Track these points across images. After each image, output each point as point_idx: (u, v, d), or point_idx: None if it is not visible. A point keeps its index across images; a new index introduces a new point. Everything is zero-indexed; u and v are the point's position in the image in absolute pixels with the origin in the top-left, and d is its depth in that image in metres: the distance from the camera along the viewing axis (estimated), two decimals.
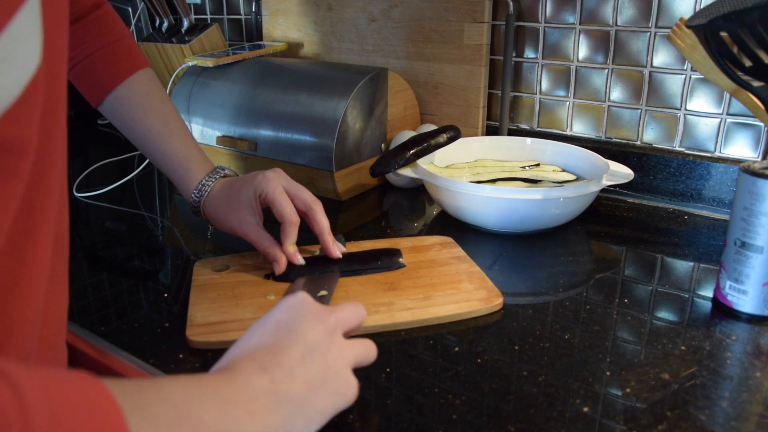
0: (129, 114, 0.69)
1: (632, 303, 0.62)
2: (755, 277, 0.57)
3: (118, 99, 0.69)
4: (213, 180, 0.69)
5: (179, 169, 0.69)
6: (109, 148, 1.25)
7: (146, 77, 0.70)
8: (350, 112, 0.90)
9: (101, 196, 0.96)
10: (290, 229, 0.64)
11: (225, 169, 0.71)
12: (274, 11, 1.24)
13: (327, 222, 0.66)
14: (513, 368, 0.52)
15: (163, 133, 0.69)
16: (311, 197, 0.66)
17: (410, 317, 0.58)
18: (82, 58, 0.68)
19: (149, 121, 0.69)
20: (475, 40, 1.00)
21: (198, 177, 0.69)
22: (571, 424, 0.45)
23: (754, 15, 0.53)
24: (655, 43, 0.90)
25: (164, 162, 0.70)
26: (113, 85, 0.68)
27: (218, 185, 0.69)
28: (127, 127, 0.70)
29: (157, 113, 0.69)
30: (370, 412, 0.47)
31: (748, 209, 0.56)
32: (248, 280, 0.65)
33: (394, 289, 0.63)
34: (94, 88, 0.69)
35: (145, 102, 0.69)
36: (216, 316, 0.58)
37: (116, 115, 0.70)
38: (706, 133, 0.90)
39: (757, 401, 0.47)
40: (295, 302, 0.43)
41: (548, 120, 1.03)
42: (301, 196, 0.65)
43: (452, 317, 0.59)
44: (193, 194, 0.69)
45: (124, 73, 0.69)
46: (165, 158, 0.70)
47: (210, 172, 0.70)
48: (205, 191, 0.69)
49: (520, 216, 0.76)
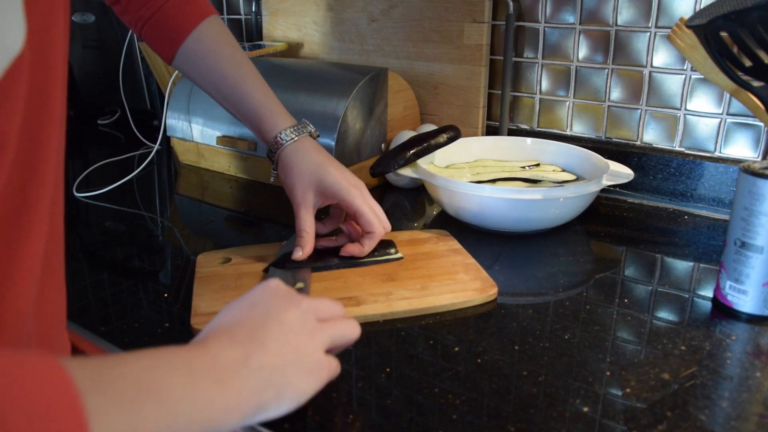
0: (201, 63, 0.69)
1: (632, 303, 0.62)
2: (755, 277, 0.57)
3: (189, 50, 0.68)
4: (299, 133, 0.68)
5: (259, 111, 0.68)
6: (109, 148, 1.25)
7: (214, 25, 0.70)
8: (350, 112, 0.90)
9: (101, 196, 0.96)
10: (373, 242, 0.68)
11: (309, 126, 0.70)
12: (274, 11, 1.24)
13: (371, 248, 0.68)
14: (513, 368, 0.52)
15: (238, 78, 0.69)
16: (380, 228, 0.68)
17: (408, 306, 0.60)
18: (148, 17, 0.67)
19: (222, 68, 0.68)
20: (475, 40, 1.00)
21: (279, 124, 0.68)
22: (571, 424, 0.45)
23: (754, 15, 0.53)
24: (655, 43, 0.90)
25: (242, 107, 0.69)
26: (182, 37, 0.68)
27: (308, 144, 0.68)
28: (202, 77, 0.70)
29: (229, 59, 0.69)
30: (370, 412, 0.47)
31: (748, 209, 0.56)
32: (250, 271, 0.67)
33: (392, 280, 0.64)
34: (165, 44, 0.69)
35: (216, 49, 0.69)
36: (220, 306, 0.59)
37: (190, 66, 0.70)
38: (706, 133, 0.90)
39: (757, 401, 0.47)
40: (270, 287, 0.45)
41: (548, 120, 1.03)
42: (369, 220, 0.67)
43: (448, 306, 0.60)
44: (272, 140, 0.68)
45: (192, 23, 0.68)
46: (243, 103, 0.69)
47: (296, 124, 0.69)
48: (288, 139, 0.67)
49: (520, 216, 0.76)
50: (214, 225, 0.87)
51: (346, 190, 0.66)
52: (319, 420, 0.46)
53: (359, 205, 0.66)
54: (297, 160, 0.67)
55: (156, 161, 1.15)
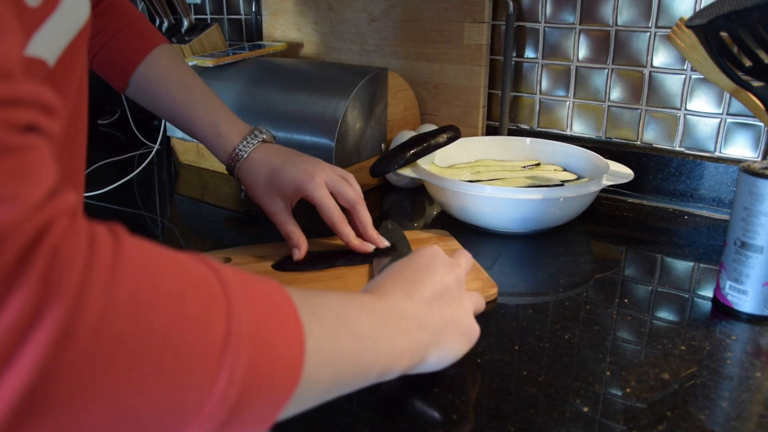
0: (152, 91, 0.70)
1: (632, 303, 0.62)
2: (755, 277, 0.57)
3: (141, 79, 0.69)
4: (251, 145, 0.69)
5: (209, 135, 0.70)
6: (109, 148, 1.25)
7: (164, 52, 0.71)
8: (350, 112, 0.90)
9: (101, 196, 0.96)
10: (343, 228, 0.67)
11: (263, 133, 0.71)
12: (274, 11, 1.24)
13: (369, 218, 0.68)
14: (513, 368, 0.52)
15: (187, 102, 0.70)
16: (354, 194, 0.68)
17: None
18: (101, 46, 0.68)
19: (172, 93, 0.69)
20: (475, 40, 1.00)
21: (231, 141, 0.69)
22: (571, 424, 0.45)
23: (754, 15, 0.53)
24: (655, 43, 0.90)
25: (194, 130, 0.71)
26: (133, 66, 0.69)
27: (259, 154, 0.69)
28: (154, 105, 0.71)
29: (178, 84, 0.70)
30: (370, 412, 0.47)
31: (748, 209, 0.56)
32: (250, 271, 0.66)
33: None
34: (116, 73, 0.70)
35: (166, 75, 0.70)
36: None
37: (141, 95, 0.71)
38: (706, 133, 0.90)
39: (757, 401, 0.47)
40: (433, 251, 0.49)
41: (548, 120, 1.03)
42: (345, 194, 0.67)
43: None
44: (228, 158, 0.70)
45: (142, 52, 0.69)
46: (193, 127, 0.70)
47: (246, 136, 0.70)
48: (241, 155, 0.69)
49: (519, 216, 0.76)
50: (214, 225, 0.87)
51: (304, 186, 0.66)
52: (320, 420, 0.46)
53: (319, 198, 0.65)
54: (253, 173, 0.69)
55: (156, 161, 1.15)
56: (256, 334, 0.28)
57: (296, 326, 0.31)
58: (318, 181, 0.66)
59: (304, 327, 0.31)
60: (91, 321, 0.22)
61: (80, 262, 0.23)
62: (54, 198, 0.23)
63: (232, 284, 0.29)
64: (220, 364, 0.26)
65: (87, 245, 0.23)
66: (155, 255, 0.27)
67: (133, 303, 0.24)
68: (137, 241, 0.26)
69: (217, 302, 0.27)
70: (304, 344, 0.31)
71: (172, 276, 0.26)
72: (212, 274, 0.28)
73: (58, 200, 0.23)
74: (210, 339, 0.26)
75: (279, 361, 0.29)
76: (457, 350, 0.46)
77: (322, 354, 0.32)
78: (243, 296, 0.29)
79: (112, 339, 0.23)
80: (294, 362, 0.30)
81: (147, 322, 0.24)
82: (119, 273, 0.24)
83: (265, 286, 0.31)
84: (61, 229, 0.23)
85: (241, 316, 0.28)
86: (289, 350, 0.30)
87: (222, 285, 0.28)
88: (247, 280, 0.30)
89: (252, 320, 0.28)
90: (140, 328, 0.24)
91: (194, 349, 0.25)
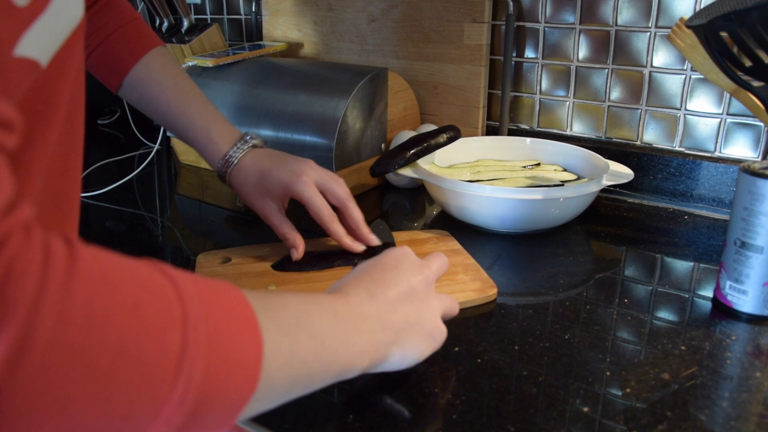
0: (147, 92, 0.70)
1: (632, 303, 0.62)
2: (755, 277, 0.57)
3: (135, 79, 0.69)
4: (241, 151, 0.69)
5: (202, 139, 0.70)
6: (109, 148, 1.25)
7: (160, 55, 0.70)
8: (350, 112, 0.90)
9: (101, 196, 0.96)
10: (333, 226, 0.67)
11: (253, 138, 0.71)
12: (274, 11, 1.24)
13: (361, 215, 0.68)
14: (513, 368, 0.52)
15: (181, 106, 0.70)
16: (344, 192, 0.67)
17: None
18: (96, 44, 0.68)
19: (166, 96, 0.69)
20: (475, 40, 1.00)
21: (223, 147, 0.69)
22: (571, 424, 0.45)
23: (754, 15, 0.53)
24: (655, 43, 0.90)
25: (186, 135, 0.71)
26: (128, 66, 0.69)
27: (248, 160, 0.69)
28: (147, 106, 0.71)
29: (173, 88, 0.70)
30: (370, 412, 0.47)
31: (748, 209, 0.56)
32: (250, 271, 0.67)
33: None
34: (110, 73, 0.70)
35: (161, 78, 0.69)
36: None
37: (135, 95, 0.70)
38: (706, 133, 0.90)
39: (757, 401, 0.47)
40: (402, 252, 0.49)
41: (548, 120, 1.03)
42: (335, 192, 0.67)
43: None
44: (219, 164, 0.70)
45: (138, 53, 0.69)
46: (186, 131, 0.70)
47: (237, 142, 0.70)
48: (232, 162, 0.69)
49: (520, 216, 0.76)
50: (214, 225, 0.87)
51: (292, 185, 0.66)
52: (320, 420, 0.46)
53: (308, 196, 0.65)
54: (243, 178, 0.69)
55: (156, 161, 1.15)
56: (213, 341, 0.28)
57: (254, 331, 0.31)
58: (306, 180, 0.66)
59: (261, 331, 0.32)
60: (46, 335, 0.23)
61: (34, 277, 0.23)
62: (9, 213, 0.23)
63: (189, 292, 0.29)
64: (177, 374, 0.27)
65: (41, 259, 0.24)
66: (111, 266, 0.27)
67: (88, 316, 0.24)
68: (93, 251, 0.27)
69: (173, 312, 0.27)
70: (261, 348, 0.31)
71: (127, 287, 0.26)
72: (168, 283, 0.28)
73: (13, 215, 0.24)
74: (166, 350, 0.26)
75: (236, 367, 0.30)
76: (421, 350, 0.46)
77: (280, 357, 0.33)
78: (199, 304, 0.29)
79: (68, 352, 0.23)
80: (251, 367, 0.31)
81: (102, 334, 0.24)
82: (74, 286, 0.24)
83: (223, 292, 0.31)
84: (16, 244, 0.23)
85: (198, 325, 0.28)
86: (247, 355, 0.30)
87: (178, 294, 0.28)
88: (203, 286, 0.30)
89: (208, 328, 0.28)
90: (96, 340, 0.24)
91: (150, 360, 0.26)
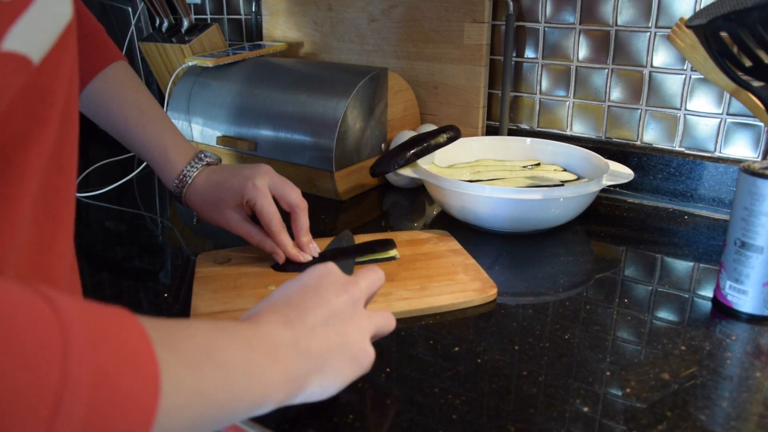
0: (105, 106, 0.69)
1: (632, 303, 0.62)
2: (755, 277, 0.57)
3: (94, 92, 0.68)
4: (195, 169, 0.68)
5: (158, 158, 0.69)
6: (109, 148, 1.25)
7: (120, 69, 0.70)
8: (350, 112, 0.90)
9: (101, 196, 0.96)
10: (281, 237, 0.66)
11: (207, 156, 0.70)
12: (274, 11, 1.24)
13: (307, 223, 0.67)
14: (513, 368, 0.52)
15: (139, 122, 0.68)
16: (296, 198, 0.66)
17: (407, 307, 0.60)
18: None
19: (124, 111, 0.68)
20: (475, 40, 1.00)
21: (178, 166, 0.68)
22: (571, 424, 0.45)
23: (754, 15, 0.53)
24: (655, 43, 0.90)
25: (142, 152, 0.70)
26: (88, 78, 0.68)
27: (202, 177, 0.68)
28: (105, 120, 0.70)
29: (132, 103, 0.69)
30: (370, 412, 0.47)
31: (748, 209, 0.56)
32: (249, 271, 0.67)
33: (392, 280, 0.64)
34: None
35: (120, 92, 0.68)
36: (219, 306, 0.59)
37: (93, 108, 0.69)
38: (706, 133, 0.90)
39: (757, 401, 0.47)
40: (324, 270, 0.46)
41: (548, 120, 1.03)
42: (288, 198, 0.66)
43: (448, 307, 0.60)
44: (174, 183, 0.69)
45: (99, 65, 0.68)
46: (143, 148, 0.69)
47: (191, 160, 0.69)
48: (186, 181, 0.68)
49: (520, 216, 0.76)
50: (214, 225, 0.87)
51: (246, 192, 0.65)
52: (320, 420, 0.46)
53: (260, 205, 0.64)
54: (199, 196, 0.68)
55: None
56: (99, 376, 0.26)
57: (150, 365, 0.28)
58: (259, 186, 0.64)
59: (160, 366, 0.29)
60: None
61: None
62: None
63: (73, 321, 0.26)
64: (55, 412, 0.24)
65: None
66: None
67: None
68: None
69: (53, 344, 0.24)
70: (158, 385, 0.28)
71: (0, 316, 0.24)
72: (50, 310, 0.25)
73: None
74: (42, 384, 0.24)
75: (127, 406, 0.27)
76: (344, 377, 0.42)
77: (182, 394, 0.30)
78: (85, 333, 0.26)
79: None
80: (146, 406, 0.28)
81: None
82: None
83: (115, 321, 0.28)
84: None
85: (82, 357, 0.25)
86: (141, 393, 0.28)
87: (60, 323, 0.25)
88: (92, 314, 0.27)
89: (95, 362, 0.26)
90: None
91: (25, 398, 0.23)
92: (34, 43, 0.30)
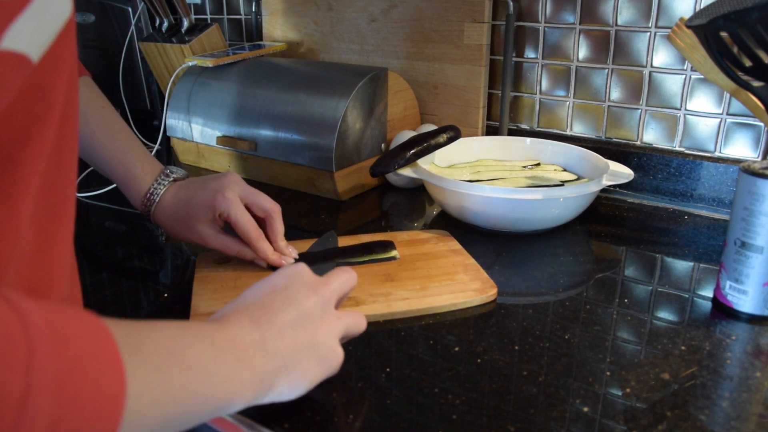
0: None
1: (632, 303, 0.62)
2: (755, 277, 0.57)
3: None
4: (162, 186, 0.67)
5: (124, 176, 0.67)
6: None
7: (85, 85, 0.68)
8: (350, 112, 0.90)
9: (101, 196, 0.96)
10: (260, 244, 0.65)
11: (174, 172, 0.68)
12: (274, 11, 1.24)
13: (282, 227, 0.67)
14: (513, 368, 0.52)
15: (104, 139, 0.67)
16: (269, 203, 0.66)
17: (407, 307, 0.60)
18: None
19: (90, 127, 0.67)
20: (475, 40, 1.00)
21: (145, 183, 0.67)
22: (571, 424, 0.45)
23: (754, 15, 0.53)
24: (655, 43, 0.90)
25: (107, 169, 0.68)
26: None
27: (170, 194, 0.67)
28: None
29: (98, 120, 0.67)
30: (370, 412, 0.47)
31: (748, 209, 0.56)
32: (249, 271, 0.67)
33: (392, 280, 0.64)
34: None
35: (86, 109, 0.67)
36: (218, 306, 0.59)
37: None
38: (706, 133, 0.90)
39: (757, 401, 0.47)
40: (295, 270, 0.46)
41: (548, 120, 1.03)
42: (261, 204, 0.65)
43: (448, 307, 0.60)
44: (141, 202, 0.67)
45: None
46: (108, 165, 0.68)
47: (158, 177, 0.67)
48: (154, 199, 0.66)
49: (520, 216, 0.76)
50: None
51: (217, 204, 0.63)
52: (320, 420, 0.46)
53: (234, 215, 0.63)
54: (168, 214, 0.66)
55: None
56: (64, 383, 0.26)
57: (116, 369, 0.28)
58: (229, 197, 0.63)
59: (125, 369, 0.29)
60: None
61: None
62: None
63: (37, 326, 0.26)
64: (19, 421, 0.24)
65: None
66: None
67: None
68: None
69: (16, 349, 0.24)
70: (124, 389, 0.28)
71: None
72: (13, 315, 0.25)
73: None
74: (5, 393, 0.23)
75: (93, 411, 0.27)
76: (313, 377, 0.42)
77: (148, 395, 0.30)
78: (50, 340, 0.26)
79: None
80: (112, 410, 0.28)
81: None
82: None
83: (81, 326, 0.28)
84: None
85: (45, 365, 0.25)
86: (106, 397, 0.28)
87: (24, 328, 0.25)
88: (57, 319, 0.27)
89: (59, 368, 0.26)
90: None
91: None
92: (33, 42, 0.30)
